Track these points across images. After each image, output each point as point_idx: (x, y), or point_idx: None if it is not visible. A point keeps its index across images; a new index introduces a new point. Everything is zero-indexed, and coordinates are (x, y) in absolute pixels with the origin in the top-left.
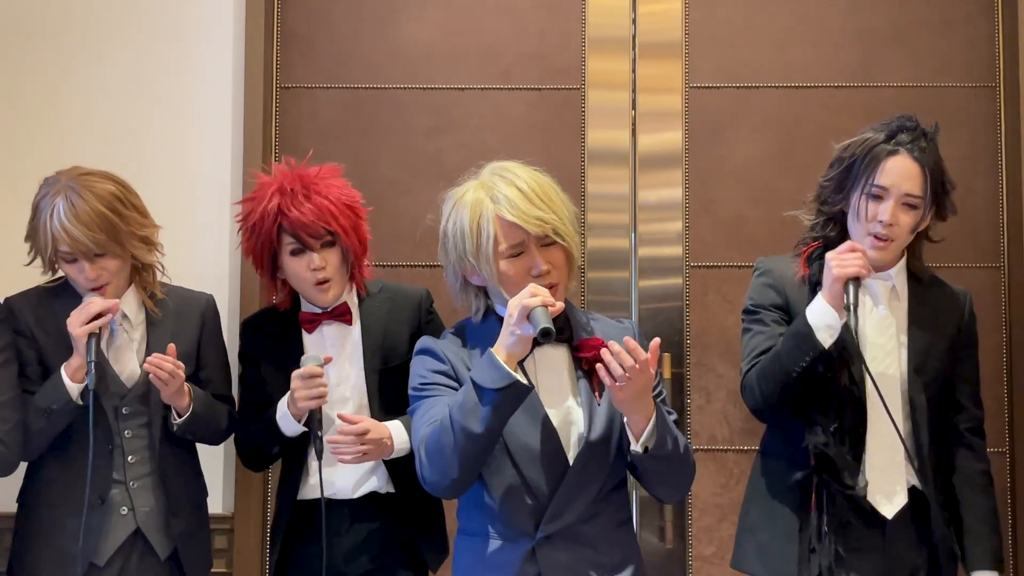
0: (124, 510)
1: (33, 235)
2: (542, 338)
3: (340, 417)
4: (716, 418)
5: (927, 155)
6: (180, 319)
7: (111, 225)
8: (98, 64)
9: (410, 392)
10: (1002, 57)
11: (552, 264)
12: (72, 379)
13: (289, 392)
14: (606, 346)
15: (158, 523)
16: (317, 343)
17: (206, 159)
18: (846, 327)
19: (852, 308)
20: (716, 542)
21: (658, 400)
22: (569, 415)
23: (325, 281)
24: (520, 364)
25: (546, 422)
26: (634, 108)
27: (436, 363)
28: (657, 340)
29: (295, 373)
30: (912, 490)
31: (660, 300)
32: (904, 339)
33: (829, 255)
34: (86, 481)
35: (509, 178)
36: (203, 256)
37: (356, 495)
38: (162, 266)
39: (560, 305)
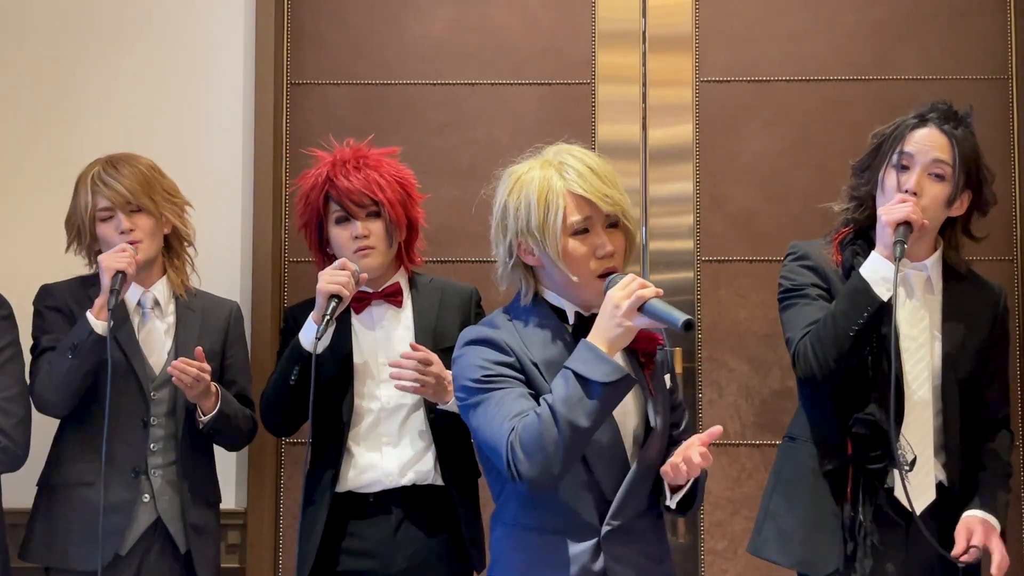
0: (146, 498)
1: (73, 208)
2: (685, 330)
3: (411, 346)
4: (728, 412)
5: (958, 131)
6: (207, 318)
7: (147, 180)
8: (109, 61)
9: (467, 383)
10: (1015, 49)
11: (615, 248)
12: (97, 317)
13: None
14: (660, 340)
15: (177, 514)
16: (366, 323)
17: (217, 156)
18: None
19: (900, 245)
20: (728, 536)
21: (678, 407)
22: (623, 408)
23: (367, 248)
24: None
25: (609, 417)
26: (644, 102)
27: (499, 355)
28: (719, 428)
29: (327, 268)
30: (938, 487)
31: (671, 294)
32: (937, 332)
33: (880, 209)
34: (118, 451)
35: (577, 156)
36: (214, 251)
37: (403, 481)
38: (193, 257)
39: (660, 291)
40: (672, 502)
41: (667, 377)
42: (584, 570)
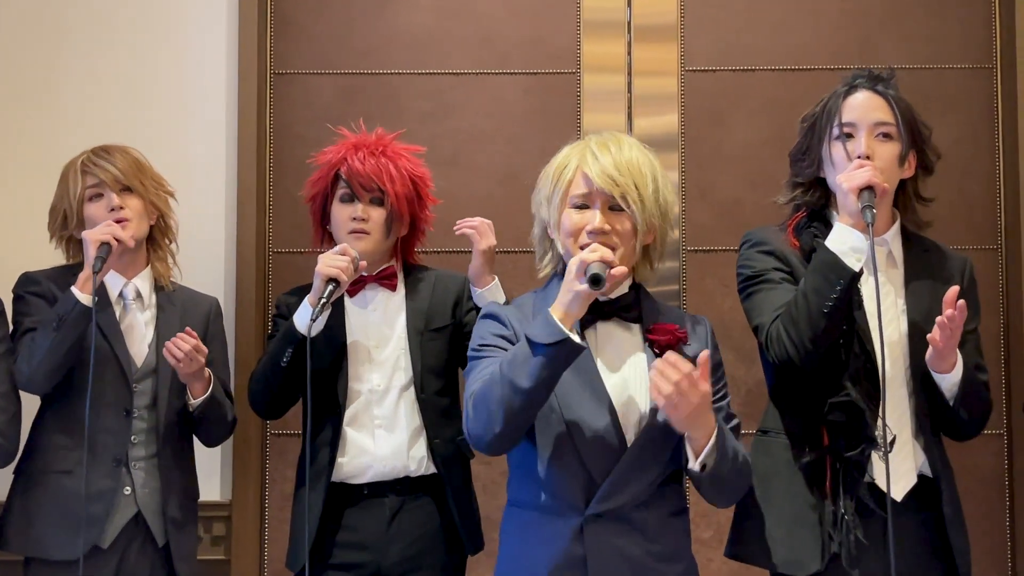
0: (127, 490)
1: (59, 195)
2: (592, 285)
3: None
4: None
5: (888, 90)
6: (187, 313)
7: (136, 163)
8: (91, 52)
9: (468, 354)
10: (999, 38)
11: (614, 229)
12: (82, 291)
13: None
14: (681, 335)
15: (157, 507)
16: (359, 305)
17: (201, 146)
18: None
19: (869, 210)
20: (714, 526)
21: (720, 411)
22: (630, 396)
23: (361, 231)
24: (582, 335)
25: (605, 398)
26: (630, 92)
27: (499, 327)
28: (705, 353)
29: (327, 252)
30: (921, 480)
31: (656, 284)
32: (903, 307)
33: (840, 177)
34: (100, 440)
35: (607, 141)
36: (198, 241)
37: (396, 470)
38: (175, 252)
39: (623, 269)
40: (696, 464)
41: None
42: (566, 552)
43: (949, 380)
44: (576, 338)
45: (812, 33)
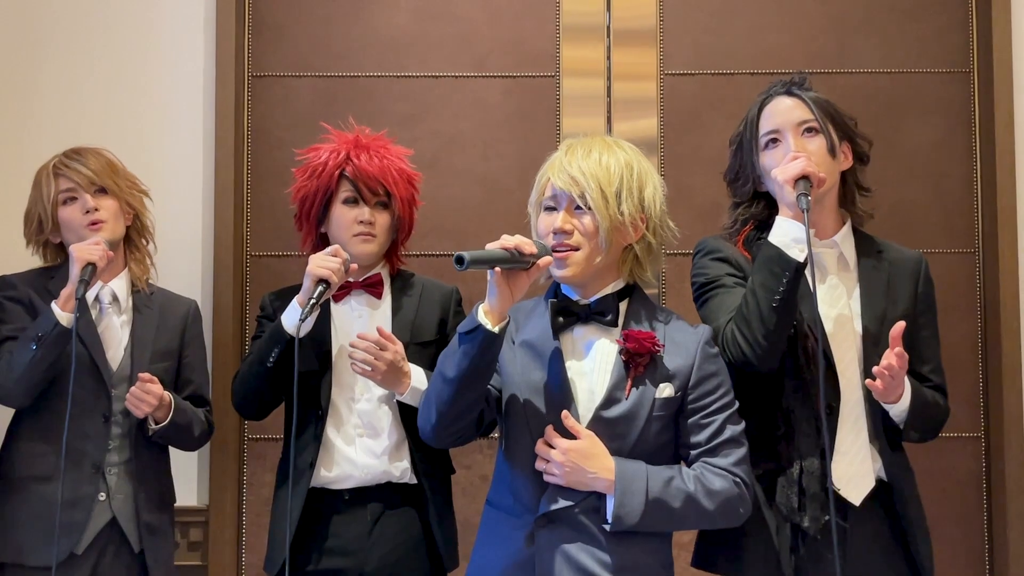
0: (102, 496)
1: (33, 199)
2: (456, 264)
3: (378, 330)
4: None
5: (803, 91)
6: (165, 316)
7: (109, 164)
8: (68, 53)
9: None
10: (976, 42)
11: (578, 228)
12: (63, 309)
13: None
14: (650, 346)
15: (131, 512)
16: (344, 312)
17: (178, 150)
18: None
19: (804, 198)
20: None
21: (709, 426)
22: (592, 398)
23: (368, 234)
24: (556, 338)
25: (568, 401)
26: (609, 95)
27: None
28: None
29: (318, 253)
30: (879, 484)
31: None
32: (857, 310)
33: (774, 171)
34: (78, 446)
35: (578, 145)
36: (175, 245)
37: (378, 478)
38: (153, 253)
39: (547, 259)
40: (609, 516)
41: (667, 386)
42: (518, 554)
43: (897, 408)
44: (491, 327)
45: (790, 37)
